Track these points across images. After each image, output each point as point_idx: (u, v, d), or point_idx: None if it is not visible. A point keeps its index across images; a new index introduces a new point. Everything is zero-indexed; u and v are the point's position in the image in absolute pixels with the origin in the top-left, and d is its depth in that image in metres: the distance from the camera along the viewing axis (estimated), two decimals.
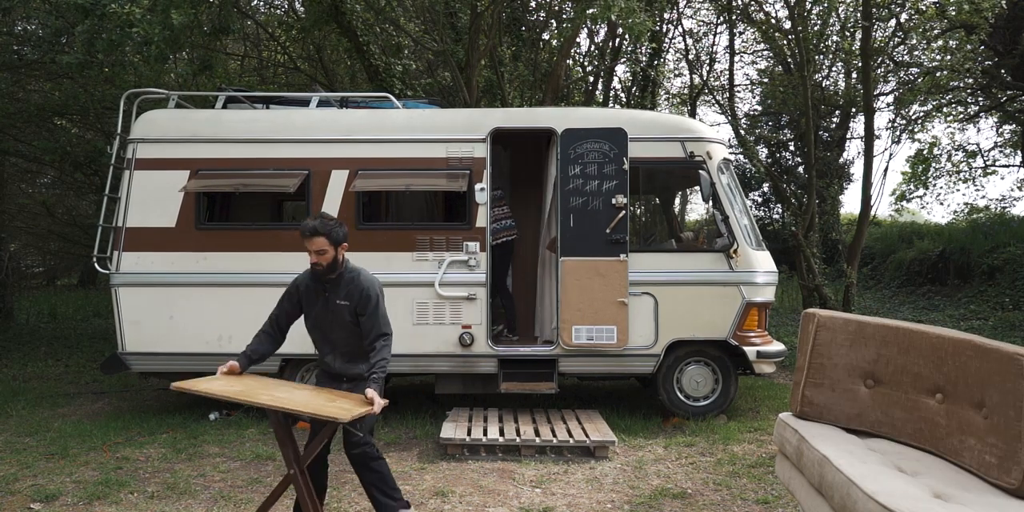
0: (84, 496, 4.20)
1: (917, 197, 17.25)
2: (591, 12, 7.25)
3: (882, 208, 40.36)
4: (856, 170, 17.04)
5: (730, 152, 6.51)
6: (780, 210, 17.51)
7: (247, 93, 6.56)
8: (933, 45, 12.10)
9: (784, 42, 11.52)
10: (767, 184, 17.05)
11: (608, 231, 5.76)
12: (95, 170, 10.97)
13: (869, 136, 9.71)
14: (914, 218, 18.45)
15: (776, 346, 5.95)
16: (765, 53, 16.08)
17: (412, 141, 5.93)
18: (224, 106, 6.37)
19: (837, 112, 15.91)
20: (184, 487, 4.35)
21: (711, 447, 5.22)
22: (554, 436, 5.08)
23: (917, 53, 12.64)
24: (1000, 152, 16.76)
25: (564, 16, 11.80)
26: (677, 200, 14.97)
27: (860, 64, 10.01)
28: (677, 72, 16.14)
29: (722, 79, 15.01)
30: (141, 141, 5.99)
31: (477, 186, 5.83)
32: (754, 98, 19.14)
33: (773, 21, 11.90)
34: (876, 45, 11.01)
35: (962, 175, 16.75)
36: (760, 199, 18.32)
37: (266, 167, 5.91)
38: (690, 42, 14.60)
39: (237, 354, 3.48)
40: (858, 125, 15.85)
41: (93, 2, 6.93)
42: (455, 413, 5.73)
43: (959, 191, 25.08)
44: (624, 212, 5.77)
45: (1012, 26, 12.00)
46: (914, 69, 12.69)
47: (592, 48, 14.68)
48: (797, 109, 13.26)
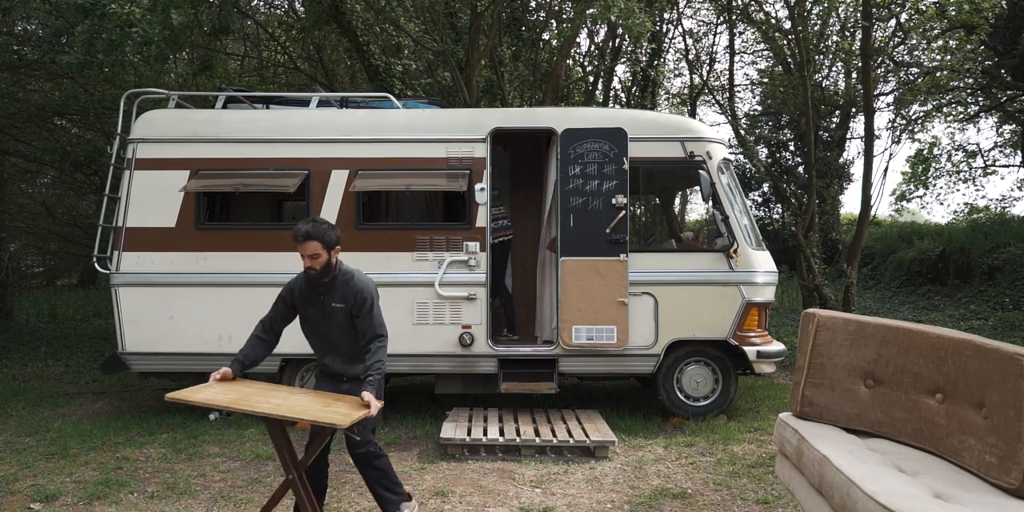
0: (84, 496, 4.20)
1: (917, 197, 17.27)
2: (591, 12, 7.25)
3: (882, 208, 40.39)
4: (856, 170, 17.07)
5: (730, 152, 6.51)
6: (780, 210, 17.51)
7: (247, 93, 6.56)
8: (933, 45, 12.10)
9: (784, 42, 11.53)
10: (767, 184, 17.05)
11: (608, 231, 5.76)
12: (95, 170, 10.98)
13: (869, 136, 9.71)
14: (914, 218, 18.45)
15: (776, 346, 5.95)
16: (765, 53, 16.10)
17: (412, 141, 5.93)
18: (224, 106, 6.37)
19: (837, 112, 15.91)
20: (184, 487, 4.35)
21: (711, 447, 5.22)
22: (554, 436, 5.08)
23: (917, 53, 12.64)
24: (1000, 152, 16.78)
25: (564, 16, 11.80)
26: (677, 200, 14.99)
27: (860, 64, 10.01)
28: (677, 72, 16.16)
29: (722, 79, 15.04)
30: (141, 141, 5.99)
31: (477, 186, 5.83)
32: (754, 98, 19.17)
33: (773, 21, 11.90)
34: (876, 45, 11.00)
35: (962, 175, 16.76)
36: (760, 199, 18.32)
37: (266, 167, 5.91)
38: (690, 42, 14.62)
39: (237, 354, 3.49)
40: (858, 125, 15.88)
41: (93, 2, 6.93)
42: (455, 413, 5.73)
43: (959, 191, 25.15)
44: (624, 212, 5.77)
45: (1012, 26, 12.00)
46: (914, 69, 12.69)
47: (592, 48, 14.69)
48: (797, 109, 13.26)
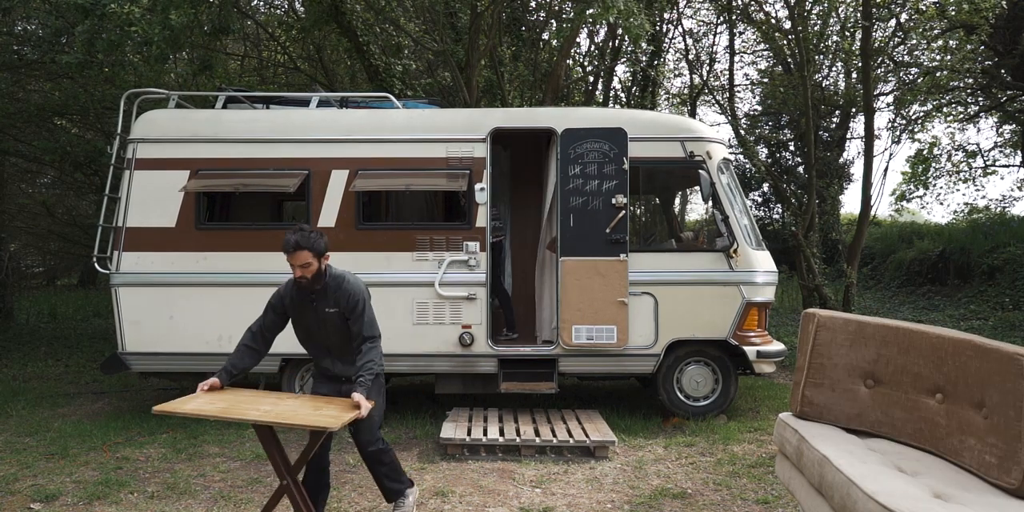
0: (84, 496, 4.20)
1: (917, 197, 17.27)
2: (591, 12, 7.25)
3: (882, 208, 40.38)
4: (856, 170, 17.07)
5: (730, 152, 6.50)
6: (780, 210, 17.52)
7: (247, 93, 6.55)
8: (933, 45, 12.10)
9: (784, 42, 11.52)
10: (767, 184, 17.05)
11: (608, 231, 5.75)
12: (95, 170, 10.98)
13: (869, 136, 9.71)
14: (914, 218, 18.46)
15: (776, 346, 5.95)
16: (765, 53, 16.09)
17: (412, 141, 5.93)
18: (224, 106, 6.37)
19: (837, 112, 15.92)
20: (184, 487, 4.36)
21: (711, 447, 5.22)
22: (554, 436, 5.08)
23: (917, 53, 12.64)
24: (1000, 152, 16.78)
25: (564, 16, 11.79)
26: (677, 200, 14.98)
27: (860, 64, 10.01)
28: (677, 72, 16.17)
29: (722, 79, 15.04)
30: (141, 141, 5.99)
31: (477, 186, 5.83)
32: (754, 98, 19.18)
33: (773, 21, 11.90)
34: (876, 45, 11.00)
35: (962, 175, 16.76)
36: (760, 199, 18.32)
37: (266, 167, 5.91)
38: (690, 42, 14.63)
39: (224, 363, 3.50)
40: (858, 125, 15.88)
41: (93, 2, 6.93)
42: (455, 413, 5.73)
43: (959, 191, 25.14)
44: (624, 212, 5.77)
45: (1012, 26, 12.00)
46: (914, 69, 12.68)
47: (592, 48, 14.69)
48: (797, 109, 13.26)
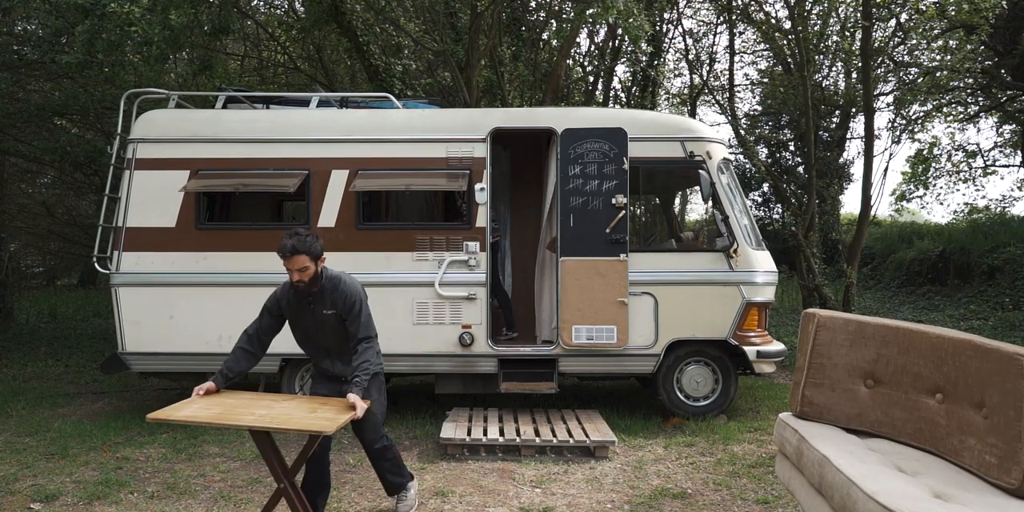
0: (84, 496, 4.20)
1: (917, 197, 17.27)
2: (591, 12, 7.25)
3: (882, 208, 40.39)
4: (856, 170, 17.08)
5: (730, 152, 6.50)
6: (780, 210, 17.52)
7: (247, 93, 6.55)
8: (933, 45, 12.10)
9: (784, 42, 11.52)
10: (767, 184, 17.05)
11: (608, 231, 5.75)
12: (95, 170, 10.98)
13: (869, 136, 9.71)
14: (914, 218, 18.46)
15: (776, 346, 5.95)
16: (765, 53, 16.10)
17: (412, 141, 5.93)
18: (224, 106, 6.37)
19: (837, 112, 15.92)
20: (184, 487, 4.36)
21: (711, 447, 5.22)
22: (554, 436, 5.08)
23: (917, 53, 12.64)
24: (1000, 152, 16.78)
25: (564, 16, 11.79)
26: (677, 200, 14.98)
27: (860, 64, 10.01)
28: (677, 72, 16.17)
29: (722, 79, 15.04)
30: (141, 141, 5.99)
31: (477, 186, 5.83)
32: (754, 98, 19.19)
33: (773, 21, 11.90)
34: (876, 45, 11.00)
35: (962, 175, 16.76)
36: (760, 199, 18.33)
37: (266, 167, 5.91)
38: (690, 42, 14.63)
39: (220, 366, 3.50)
40: (858, 125, 15.89)
41: (93, 2, 6.93)
42: (455, 413, 5.73)
43: (959, 191, 25.15)
44: (624, 212, 5.77)
45: (1012, 26, 12.00)
46: (914, 69, 12.69)
47: (592, 48, 14.69)
48: (797, 109, 13.26)
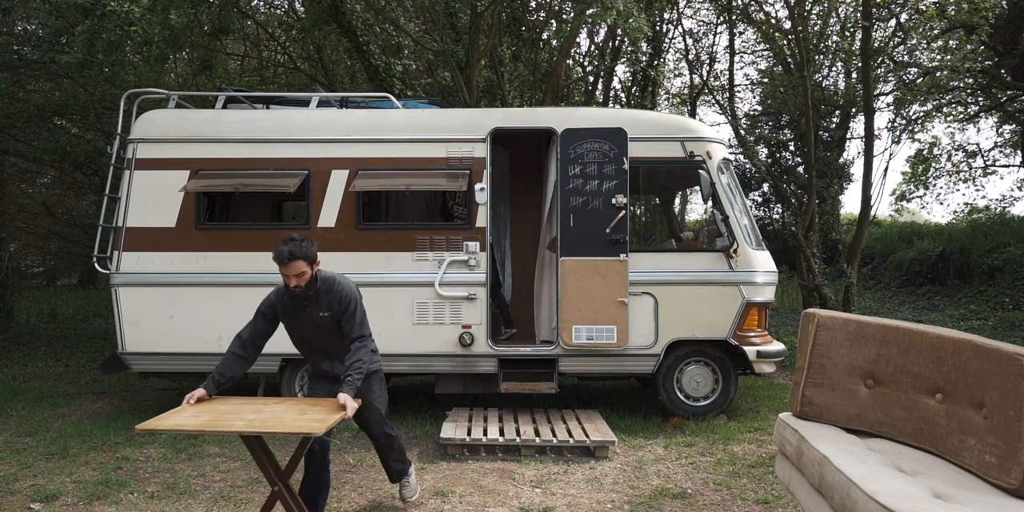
0: (84, 496, 4.20)
1: (917, 197, 17.28)
2: (591, 12, 7.25)
3: (882, 208, 40.36)
4: (856, 170, 17.07)
5: (730, 152, 6.50)
6: (780, 210, 17.52)
7: (247, 93, 6.55)
8: (933, 45, 12.11)
9: (784, 42, 11.52)
10: (767, 184, 17.05)
11: (608, 231, 5.75)
12: (95, 170, 10.97)
13: (869, 136, 9.71)
14: (914, 218, 18.46)
15: (776, 346, 5.95)
16: (765, 53, 16.10)
17: (412, 141, 5.93)
18: (224, 106, 6.36)
19: (837, 112, 15.91)
20: (184, 487, 4.36)
21: (711, 447, 5.22)
22: (554, 436, 5.08)
23: (917, 53, 12.64)
24: (1000, 152, 16.78)
25: (564, 16, 11.79)
26: (677, 200, 14.98)
27: (860, 64, 10.01)
28: (677, 72, 16.17)
29: (722, 79, 15.03)
30: (141, 141, 5.99)
31: (477, 186, 5.83)
32: (754, 98, 19.19)
33: (773, 21, 11.90)
34: (876, 45, 11.00)
35: (962, 175, 16.77)
36: (760, 199, 18.33)
37: (266, 167, 5.91)
38: (690, 42, 14.62)
39: (212, 372, 3.48)
40: (858, 125, 15.88)
41: (93, 2, 6.93)
42: (455, 413, 5.73)
43: (959, 191, 25.09)
44: (624, 212, 5.77)
45: (1012, 26, 12.01)
46: (914, 69, 12.69)
47: (592, 48, 14.69)
48: (797, 109, 13.26)
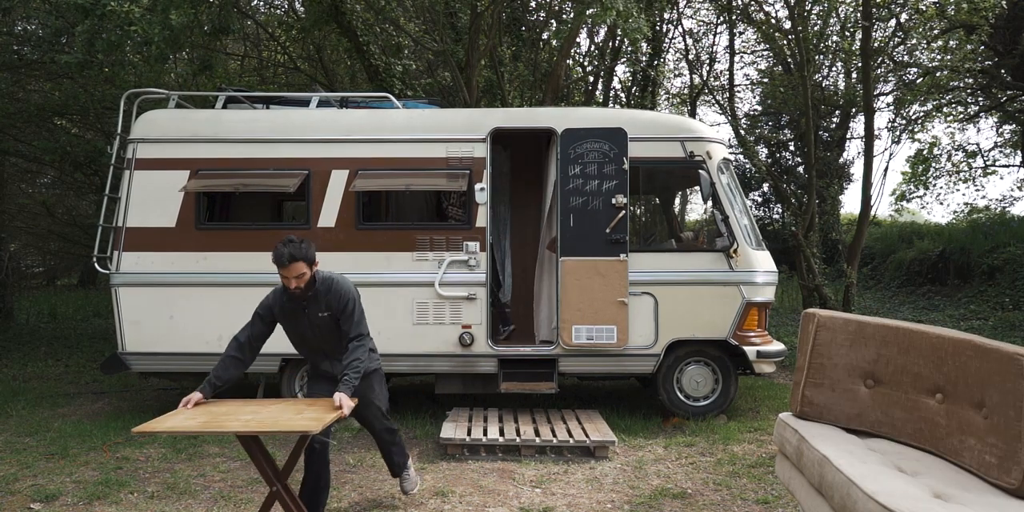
0: (84, 496, 4.20)
1: (917, 197, 17.26)
2: (591, 13, 7.25)
3: (882, 208, 40.36)
4: (856, 170, 17.07)
5: (730, 152, 6.50)
6: (780, 210, 17.51)
7: (247, 93, 6.55)
8: (933, 45, 12.11)
9: (784, 42, 11.52)
10: (767, 184, 17.04)
11: (608, 231, 5.75)
12: (95, 170, 10.97)
13: (869, 136, 9.71)
14: (914, 218, 18.46)
15: (776, 346, 5.95)
16: (765, 53, 16.09)
17: (412, 141, 5.93)
18: (224, 106, 6.37)
19: (837, 112, 15.91)
20: (184, 487, 4.36)
21: (711, 447, 5.22)
22: (554, 436, 5.08)
23: (917, 53, 12.64)
24: (1000, 152, 16.78)
25: (564, 16, 11.79)
26: (677, 200, 14.98)
27: (860, 64, 10.01)
28: (677, 72, 16.17)
29: (722, 79, 15.04)
30: (141, 141, 5.99)
31: (477, 186, 5.83)
32: (754, 98, 19.19)
33: (773, 21, 11.90)
34: (876, 45, 11.00)
35: (962, 175, 16.75)
36: (760, 199, 18.32)
37: (266, 167, 5.91)
38: (690, 42, 14.63)
39: (208, 375, 3.47)
40: (858, 125, 15.88)
41: (93, 2, 6.92)
42: (455, 413, 5.73)
43: (959, 191, 25.07)
44: (624, 212, 5.77)
45: (1012, 26, 12.00)
46: (914, 69, 12.69)
47: (592, 48, 14.69)
48: (797, 109, 13.26)
